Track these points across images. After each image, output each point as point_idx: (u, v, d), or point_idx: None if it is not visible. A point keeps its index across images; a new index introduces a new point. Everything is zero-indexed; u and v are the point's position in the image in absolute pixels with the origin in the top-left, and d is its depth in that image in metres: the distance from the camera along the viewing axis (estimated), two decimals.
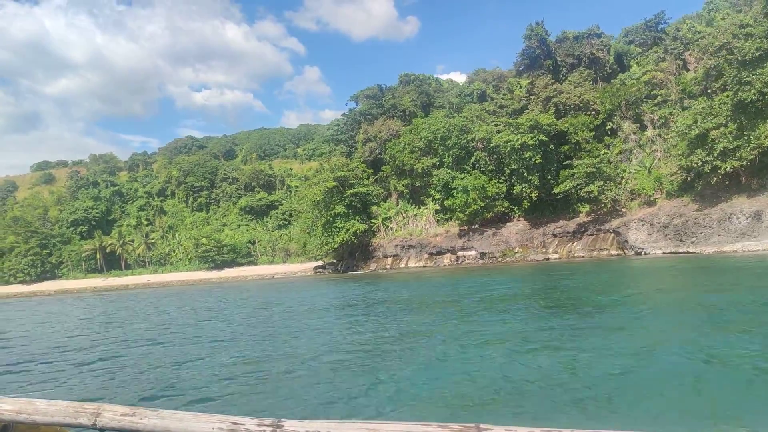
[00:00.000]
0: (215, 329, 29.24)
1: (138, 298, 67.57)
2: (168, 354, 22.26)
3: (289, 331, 26.64)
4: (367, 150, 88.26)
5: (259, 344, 23.24)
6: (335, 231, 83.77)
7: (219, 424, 2.43)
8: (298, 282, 75.02)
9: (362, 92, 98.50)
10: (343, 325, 27.84)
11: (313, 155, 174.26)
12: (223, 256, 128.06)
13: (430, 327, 24.62)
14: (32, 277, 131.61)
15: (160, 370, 18.91)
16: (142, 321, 38.19)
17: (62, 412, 2.61)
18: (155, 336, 28.52)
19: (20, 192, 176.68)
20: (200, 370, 18.22)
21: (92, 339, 29.27)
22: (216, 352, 21.69)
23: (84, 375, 19.05)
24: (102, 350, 24.68)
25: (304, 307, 38.11)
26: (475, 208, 74.69)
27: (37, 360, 22.89)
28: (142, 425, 2.52)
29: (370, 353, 19.10)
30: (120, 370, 19.38)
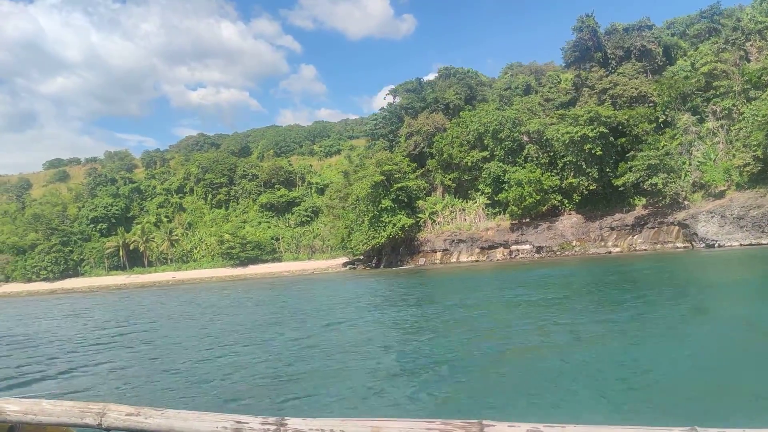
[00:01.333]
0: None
1: (188, 296, 65.15)
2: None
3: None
4: (411, 144, 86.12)
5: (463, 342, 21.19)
6: (382, 226, 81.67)
7: (223, 423, 2.39)
8: (344, 278, 72.66)
9: (401, 86, 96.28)
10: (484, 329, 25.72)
11: (330, 152, 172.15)
12: (248, 253, 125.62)
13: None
14: (55, 275, 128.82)
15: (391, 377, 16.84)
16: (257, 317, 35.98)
17: (68, 412, 2.57)
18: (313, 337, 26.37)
19: (35, 189, 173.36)
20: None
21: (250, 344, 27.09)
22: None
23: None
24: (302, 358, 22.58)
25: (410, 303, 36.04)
26: (531, 201, 72.83)
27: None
28: (146, 425, 2.48)
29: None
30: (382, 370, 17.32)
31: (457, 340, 20.08)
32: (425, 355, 18.22)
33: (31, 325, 39.57)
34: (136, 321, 37.29)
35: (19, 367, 20.70)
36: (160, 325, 33.60)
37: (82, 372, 19.10)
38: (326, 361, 17.87)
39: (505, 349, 17.79)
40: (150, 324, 34.47)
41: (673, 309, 23.27)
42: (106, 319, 41.01)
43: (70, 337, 30.04)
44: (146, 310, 47.03)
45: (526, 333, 20.28)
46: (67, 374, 18.87)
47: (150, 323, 35.08)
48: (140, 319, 37.96)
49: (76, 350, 24.58)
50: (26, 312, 56.88)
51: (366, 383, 14.35)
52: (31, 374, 19.16)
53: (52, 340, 28.91)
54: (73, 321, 41.23)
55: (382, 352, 19.15)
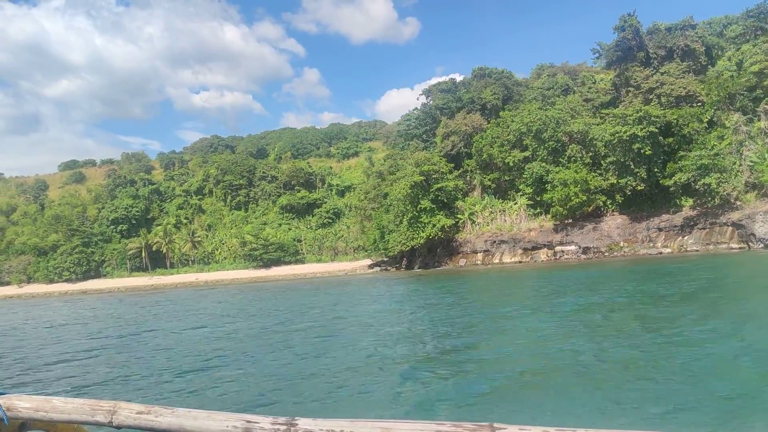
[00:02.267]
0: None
1: (241, 297, 63.60)
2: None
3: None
4: (449, 144, 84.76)
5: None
6: (421, 226, 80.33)
7: (233, 422, 2.38)
8: (383, 281, 71.01)
9: (435, 86, 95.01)
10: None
11: (347, 154, 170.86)
12: (270, 255, 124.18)
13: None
14: (78, 276, 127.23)
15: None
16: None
17: (79, 409, 2.57)
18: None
19: (51, 191, 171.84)
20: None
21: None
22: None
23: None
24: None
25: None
26: (577, 202, 71.51)
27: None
28: (157, 423, 2.48)
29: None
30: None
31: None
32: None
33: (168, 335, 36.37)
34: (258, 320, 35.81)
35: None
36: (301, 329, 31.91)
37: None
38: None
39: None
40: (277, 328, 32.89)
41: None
42: (203, 321, 39.49)
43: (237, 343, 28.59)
44: (222, 311, 45.52)
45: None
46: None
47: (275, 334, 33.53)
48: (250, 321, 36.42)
49: (256, 354, 23.16)
50: (108, 312, 55.35)
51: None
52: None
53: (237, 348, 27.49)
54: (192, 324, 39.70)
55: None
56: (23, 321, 48.60)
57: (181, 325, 34.46)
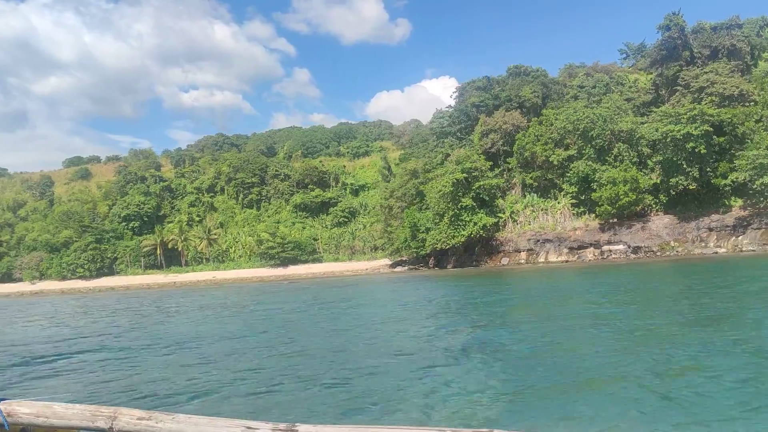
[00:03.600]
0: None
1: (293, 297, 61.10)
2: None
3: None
4: (488, 142, 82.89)
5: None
6: (462, 224, 78.39)
7: (234, 428, 2.37)
8: (420, 282, 68.76)
9: (470, 83, 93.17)
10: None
11: (358, 153, 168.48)
12: (288, 253, 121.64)
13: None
14: (92, 273, 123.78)
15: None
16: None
17: (79, 415, 2.56)
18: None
19: (57, 187, 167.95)
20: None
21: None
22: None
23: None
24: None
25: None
26: (627, 201, 69.96)
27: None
28: (157, 429, 2.48)
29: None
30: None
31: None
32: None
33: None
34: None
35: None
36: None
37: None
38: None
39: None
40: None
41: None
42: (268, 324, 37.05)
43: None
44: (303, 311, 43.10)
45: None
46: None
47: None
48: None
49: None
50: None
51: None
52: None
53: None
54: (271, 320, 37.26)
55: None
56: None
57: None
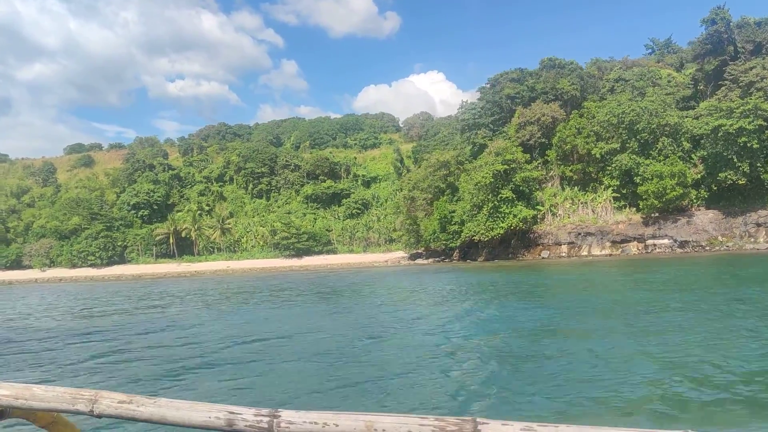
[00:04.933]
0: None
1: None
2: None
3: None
4: (526, 134, 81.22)
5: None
6: (501, 216, 76.81)
7: (216, 413, 2.36)
8: (459, 274, 67.12)
9: (502, 75, 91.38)
10: None
11: (366, 145, 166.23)
12: (303, 244, 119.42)
13: None
14: (103, 261, 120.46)
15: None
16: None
17: (59, 398, 2.53)
18: None
19: (59, 174, 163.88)
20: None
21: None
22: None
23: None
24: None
25: None
26: (673, 195, 68.84)
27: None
28: (138, 413, 2.46)
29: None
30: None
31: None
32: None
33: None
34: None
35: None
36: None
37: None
38: None
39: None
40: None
41: None
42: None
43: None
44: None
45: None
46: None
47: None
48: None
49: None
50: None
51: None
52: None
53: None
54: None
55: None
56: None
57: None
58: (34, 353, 19.52)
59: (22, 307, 43.99)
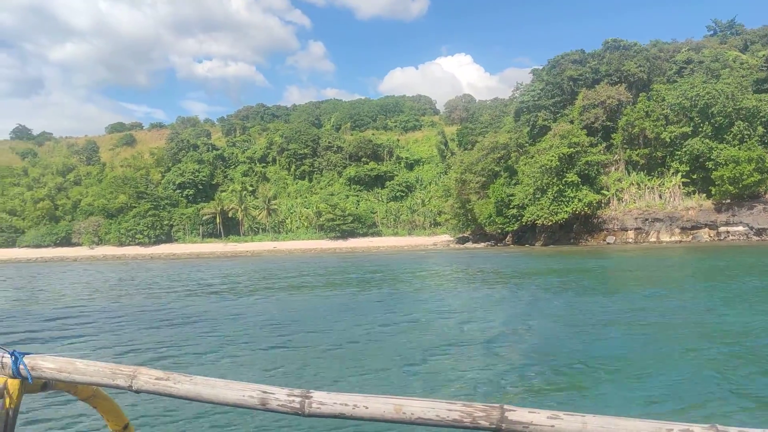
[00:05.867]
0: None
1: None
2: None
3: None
4: (590, 116, 79.09)
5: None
6: (565, 201, 75.09)
7: (250, 392, 2.40)
8: (535, 259, 65.50)
9: (563, 56, 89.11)
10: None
11: (407, 127, 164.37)
12: (347, 226, 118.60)
13: None
14: (150, 240, 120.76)
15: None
16: None
17: (100, 372, 2.60)
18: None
19: (102, 152, 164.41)
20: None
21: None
22: None
23: None
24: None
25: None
26: (752, 181, 66.56)
27: None
28: (175, 390, 2.52)
29: None
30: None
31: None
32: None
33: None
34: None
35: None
36: None
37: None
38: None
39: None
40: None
41: None
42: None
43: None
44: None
45: None
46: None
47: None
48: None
49: None
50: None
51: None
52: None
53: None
54: None
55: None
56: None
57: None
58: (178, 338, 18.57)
59: (114, 285, 43.46)
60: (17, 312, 26.62)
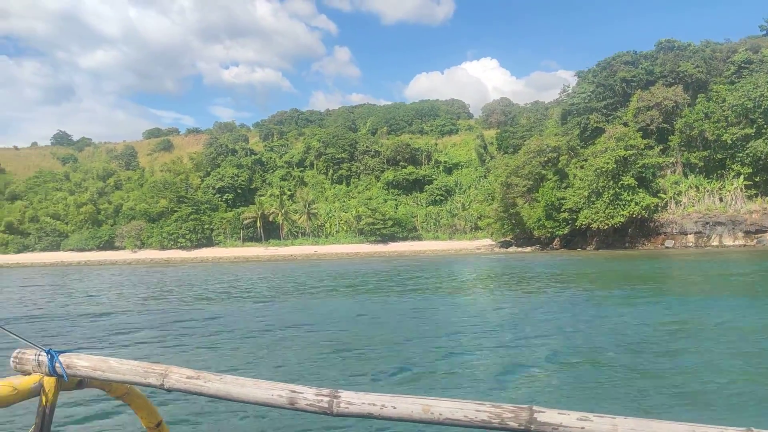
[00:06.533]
0: None
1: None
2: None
3: None
4: (646, 118, 77.42)
5: None
6: (621, 204, 73.48)
7: (278, 391, 2.44)
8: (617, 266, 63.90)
9: (614, 58, 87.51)
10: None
11: (443, 131, 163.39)
12: (388, 230, 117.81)
13: None
14: (192, 243, 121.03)
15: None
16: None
17: (133, 371, 2.67)
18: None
19: (140, 157, 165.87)
20: None
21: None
22: None
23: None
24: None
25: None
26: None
27: None
28: (205, 388, 2.57)
29: None
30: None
31: None
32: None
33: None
34: None
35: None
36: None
37: None
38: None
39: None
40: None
41: None
42: None
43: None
44: None
45: None
46: None
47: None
48: None
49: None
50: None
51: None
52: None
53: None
54: None
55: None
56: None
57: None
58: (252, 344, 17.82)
59: (184, 288, 43.03)
60: (60, 313, 26.89)
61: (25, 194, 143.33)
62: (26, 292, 41.33)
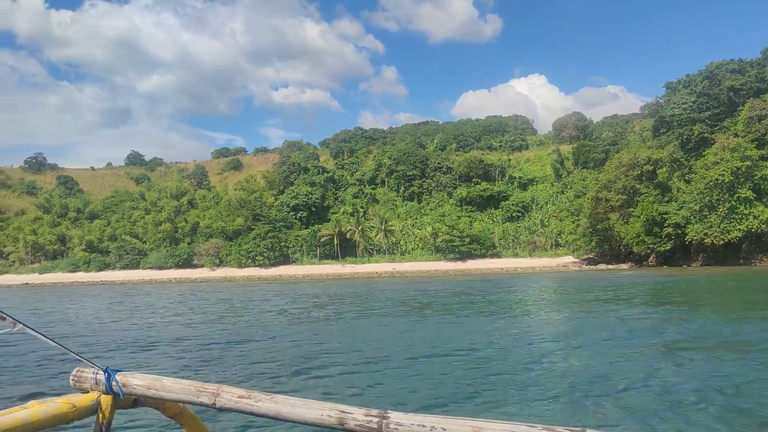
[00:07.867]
0: None
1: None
2: None
3: None
4: (761, 128, 73.23)
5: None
6: (737, 218, 69.35)
7: (328, 411, 2.41)
8: None
9: (718, 66, 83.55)
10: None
11: (513, 147, 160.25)
12: (466, 247, 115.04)
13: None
14: (270, 261, 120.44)
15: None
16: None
17: (186, 390, 2.69)
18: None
19: (211, 176, 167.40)
20: None
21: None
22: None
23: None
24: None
25: None
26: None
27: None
28: (256, 408, 2.55)
29: None
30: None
31: None
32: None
33: None
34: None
35: None
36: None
37: None
38: None
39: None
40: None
41: None
42: None
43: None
44: None
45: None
46: None
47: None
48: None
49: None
50: None
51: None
52: None
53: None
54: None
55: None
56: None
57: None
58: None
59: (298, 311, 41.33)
60: (138, 333, 27.34)
61: (103, 213, 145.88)
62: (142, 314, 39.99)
